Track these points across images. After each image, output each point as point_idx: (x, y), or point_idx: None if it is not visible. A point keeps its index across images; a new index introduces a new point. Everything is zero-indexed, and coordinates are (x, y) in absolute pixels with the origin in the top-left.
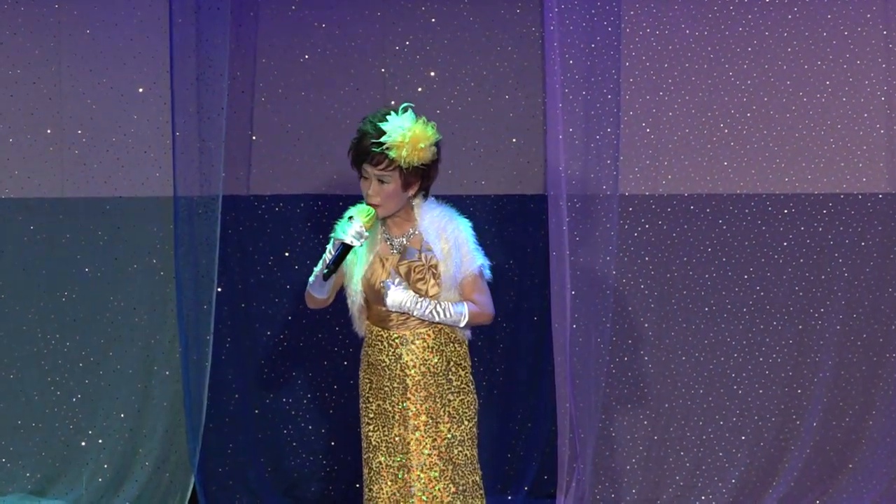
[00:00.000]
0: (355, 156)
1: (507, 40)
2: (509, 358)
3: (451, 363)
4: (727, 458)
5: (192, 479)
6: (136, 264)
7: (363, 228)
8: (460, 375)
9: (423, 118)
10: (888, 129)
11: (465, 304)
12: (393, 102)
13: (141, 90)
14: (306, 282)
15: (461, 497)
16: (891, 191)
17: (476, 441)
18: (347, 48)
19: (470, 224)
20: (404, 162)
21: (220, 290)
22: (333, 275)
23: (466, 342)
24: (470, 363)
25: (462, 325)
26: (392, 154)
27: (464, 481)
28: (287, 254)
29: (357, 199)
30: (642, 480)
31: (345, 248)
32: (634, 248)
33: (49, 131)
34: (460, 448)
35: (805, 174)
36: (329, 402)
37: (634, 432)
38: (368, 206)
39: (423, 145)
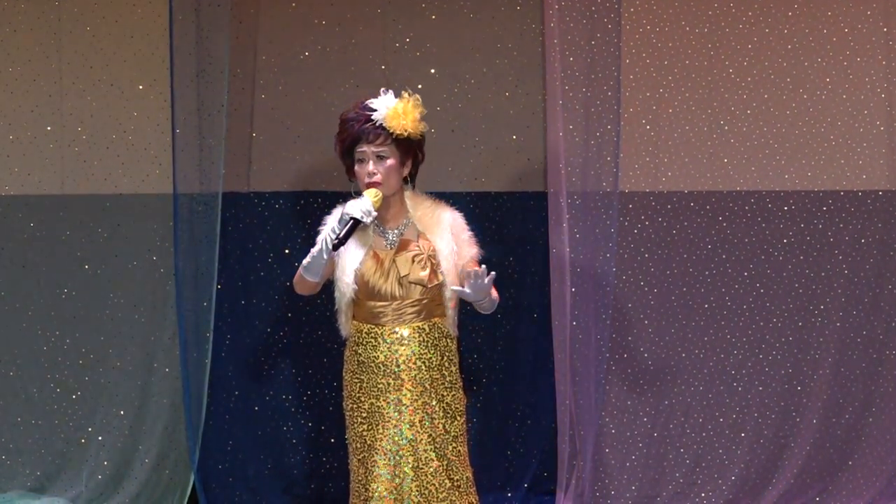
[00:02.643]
0: (351, 139)
1: (507, 37)
2: (509, 355)
3: (444, 358)
4: (727, 455)
5: (192, 477)
6: (136, 261)
7: (371, 206)
8: (452, 371)
9: (408, 94)
10: (888, 126)
11: None
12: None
13: (141, 87)
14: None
15: (456, 493)
16: (891, 188)
17: (466, 437)
18: (348, 45)
19: (461, 214)
20: (401, 130)
21: (219, 287)
22: (334, 252)
23: (455, 338)
24: (458, 359)
25: (493, 305)
26: (389, 124)
27: (457, 477)
28: (287, 251)
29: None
30: (642, 477)
31: (353, 223)
32: (634, 245)
33: (49, 128)
34: (454, 444)
35: (805, 171)
36: (329, 400)
37: (634, 429)
38: (373, 189)
39: (412, 115)
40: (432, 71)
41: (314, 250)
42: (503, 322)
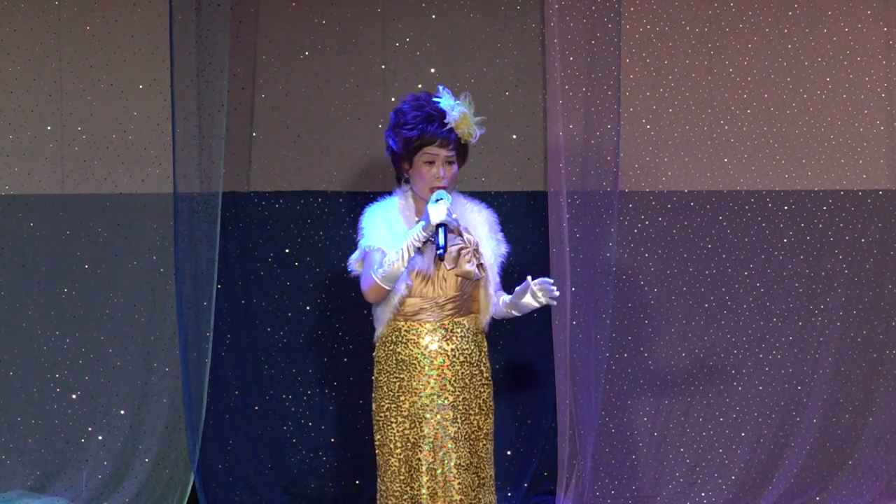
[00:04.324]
0: (423, 139)
1: (507, 37)
2: (509, 354)
3: (482, 353)
4: (727, 455)
5: (192, 476)
6: (135, 261)
7: (450, 209)
8: (487, 366)
9: (463, 96)
10: (888, 125)
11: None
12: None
13: (141, 87)
14: (306, 278)
15: (481, 490)
16: (891, 187)
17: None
18: (348, 45)
19: (493, 211)
20: (469, 137)
21: (219, 286)
22: (443, 261)
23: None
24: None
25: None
26: (459, 131)
27: (484, 474)
28: (287, 251)
29: (359, 195)
30: (642, 477)
31: (445, 229)
32: (634, 244)
33: (49, 128)
34: (485, 441)
35: (805, 171)
36: (329, 399)
37: (634, 429)
38: (442, 191)
39: (477, 120)
40: (432, 70)
41: (392, 258)
42: (503, 322)
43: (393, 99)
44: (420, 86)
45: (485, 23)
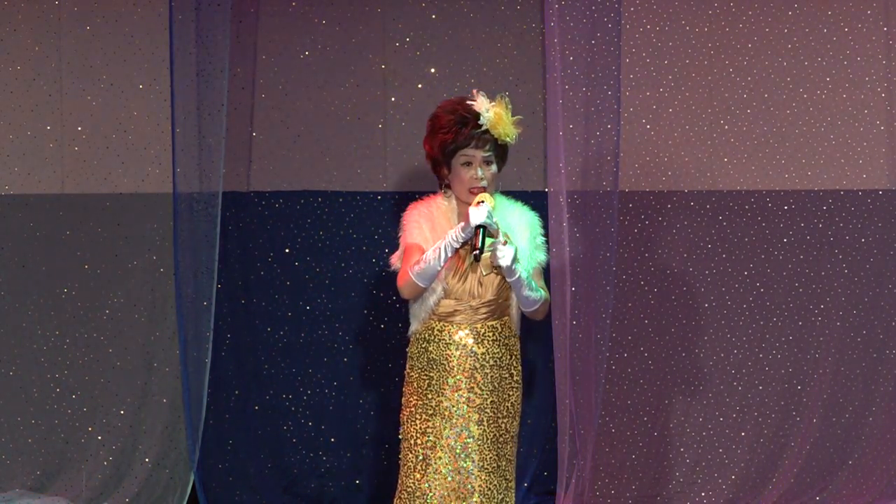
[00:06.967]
0: (458, 143)
1: (507, 37)
2: None
3: (513, 357)
4: (727, 455)
5: (192, 476)
6: (135, 261)
7: (492, 210)
8: (519, 370)
9: (500, 95)
10: (888, 125)
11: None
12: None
13: (141, 87)
14: (306, 278)
15: (509, 493)
16: (891, 187)
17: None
18: (348, 45)
19: (538, 215)
20: (505, 136)
21: (219, 286)
22: (477, 262)
23: (519, 337)
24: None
25: (541, 304)
26: (494, 131)
27: (509, 477)
28: (287, 250)
29: (359, 195)
30: (642, 477)
31: (484, 231)
32: (634, 244)
33: (49, 128)
34: (511, 445)
35: (805, 171)
36: (329, 399)
37: (634, 429)
38: (485, 194)
39: (513, 119)
40: (432, 70)
41: (429, 256)
42: None
43: (393, 99)
44: (420, 86)
45: (485, 22)
